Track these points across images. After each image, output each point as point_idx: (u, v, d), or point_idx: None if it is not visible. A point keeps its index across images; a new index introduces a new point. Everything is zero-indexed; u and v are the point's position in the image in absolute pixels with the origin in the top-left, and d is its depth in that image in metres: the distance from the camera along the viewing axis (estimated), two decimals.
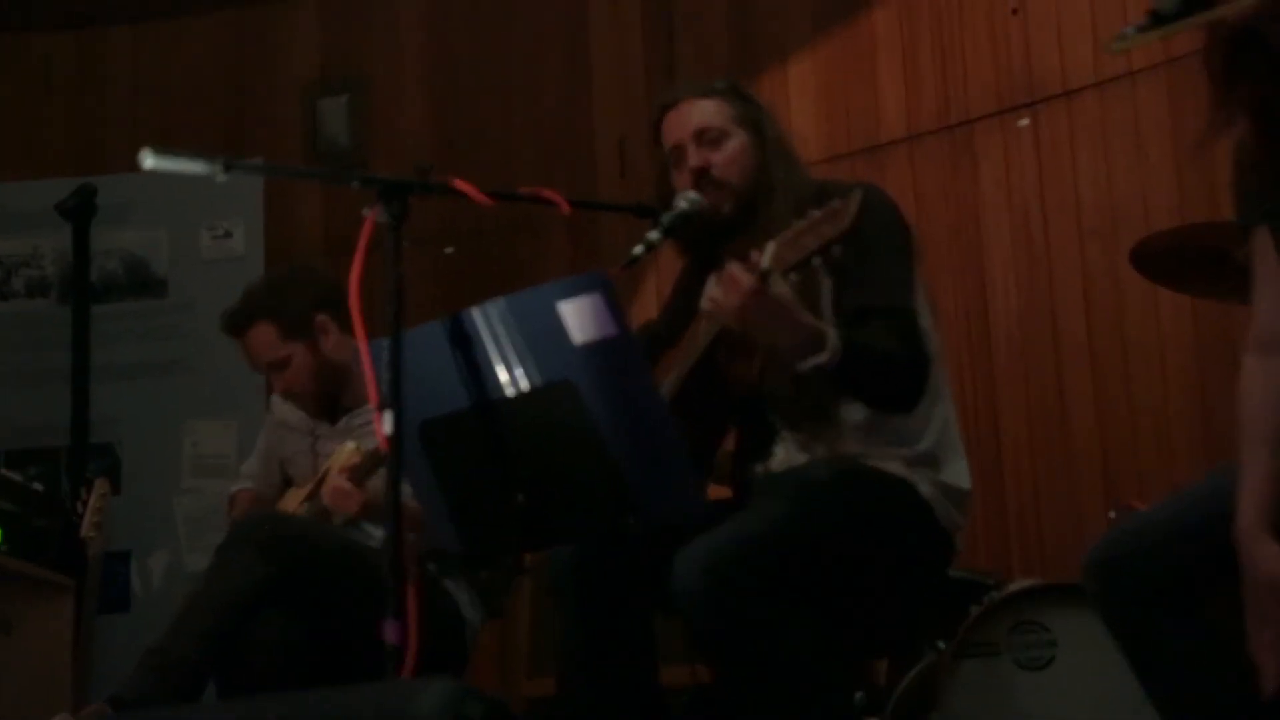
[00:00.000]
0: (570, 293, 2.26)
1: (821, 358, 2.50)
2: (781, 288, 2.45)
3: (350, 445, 3.41)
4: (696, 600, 2.43)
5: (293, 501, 3.62)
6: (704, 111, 2.85)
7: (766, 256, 2.44)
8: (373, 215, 2.32)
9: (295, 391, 3.61)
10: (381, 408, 2.25)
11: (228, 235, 5.26)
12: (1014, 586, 3.21)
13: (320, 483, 3.51)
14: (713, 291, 2.52)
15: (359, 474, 3.28)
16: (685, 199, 2.76)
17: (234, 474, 4.01)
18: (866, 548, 2.66)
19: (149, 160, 2.28)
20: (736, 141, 2.83)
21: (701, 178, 2.79)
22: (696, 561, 2.44)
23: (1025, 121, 4.64)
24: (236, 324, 3.64)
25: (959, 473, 2.79)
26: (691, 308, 2.93)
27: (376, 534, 3.40)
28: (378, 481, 3.31)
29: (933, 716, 3.08)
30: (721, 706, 2.67)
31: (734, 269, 2.46)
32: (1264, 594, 2.00)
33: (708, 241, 2.84)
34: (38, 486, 4.25)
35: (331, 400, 3.63)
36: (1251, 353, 2.19)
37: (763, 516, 2.62)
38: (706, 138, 2.82)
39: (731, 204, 2.79)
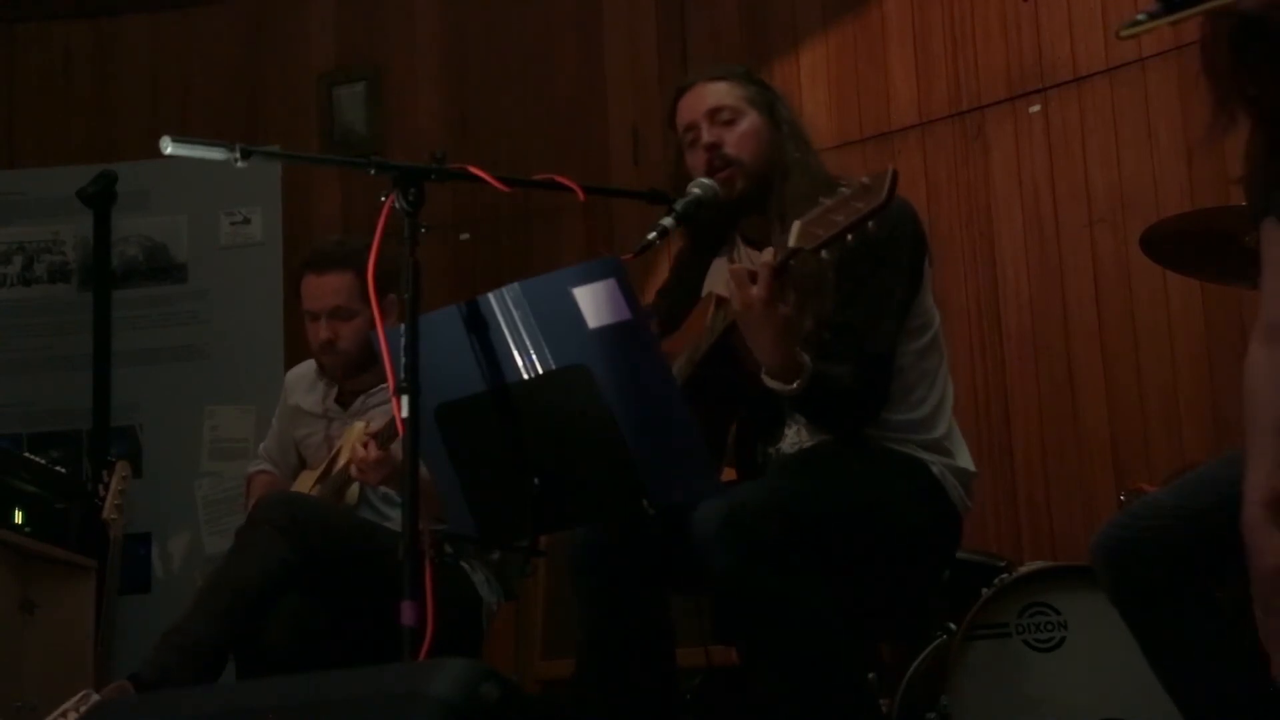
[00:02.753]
0: (584, 278, 2.28)
1: (785, 389, 2.53)
2: (786, 309, 2.46)
3: (359, 425, 3.43)
4: (715, 546, 2.44)
5: (305, 484, 3.64)
6: (717, 92, 2.86)
7: (793, 236, 2.43)
8: (390, 200, 2.35)
9: (340, 348, 3.57)
10: (398, 392, 2.28)
11: (246, 221, 5.29)
12: (1024, 569, 3.23)
13: (332, 463, 3.54)
14: (732, 268, 2.53)
15: (384, 438, 3.25)
16: (699, 185, 2.77)
17: (253, 458, 4.04)
18: (882, 521, 2.68)
19: (169, 146, 2.32)
20: (749, 121, 2.84)
21: (714, 154, 2.80)
22: (717, 511, 2.45)
23: (1036, 108, 4.65)
24: (327, 260, 3.60)
25: (965, 457, 2.82)
26: (692, 290, 2.95)
27: (392, 515, 3.43)
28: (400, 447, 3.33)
29: (944, 698, 3.10)
30: (738, 683, 2.69)
31: (740, 270, 2.48)
32: (1270, 585, 2.00)
33: (719, 224, 2.86)
34: (60, 469, 4.31)
35: (356, 372, 3.64)
36: (1258, 342, 2.18)
37: (782, 478, 2.67)
38: (720, 117, 2.84)
39: (743, 181, 2.80)
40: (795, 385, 2.52)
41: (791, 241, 2.44)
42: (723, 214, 2.81)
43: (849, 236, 2.40)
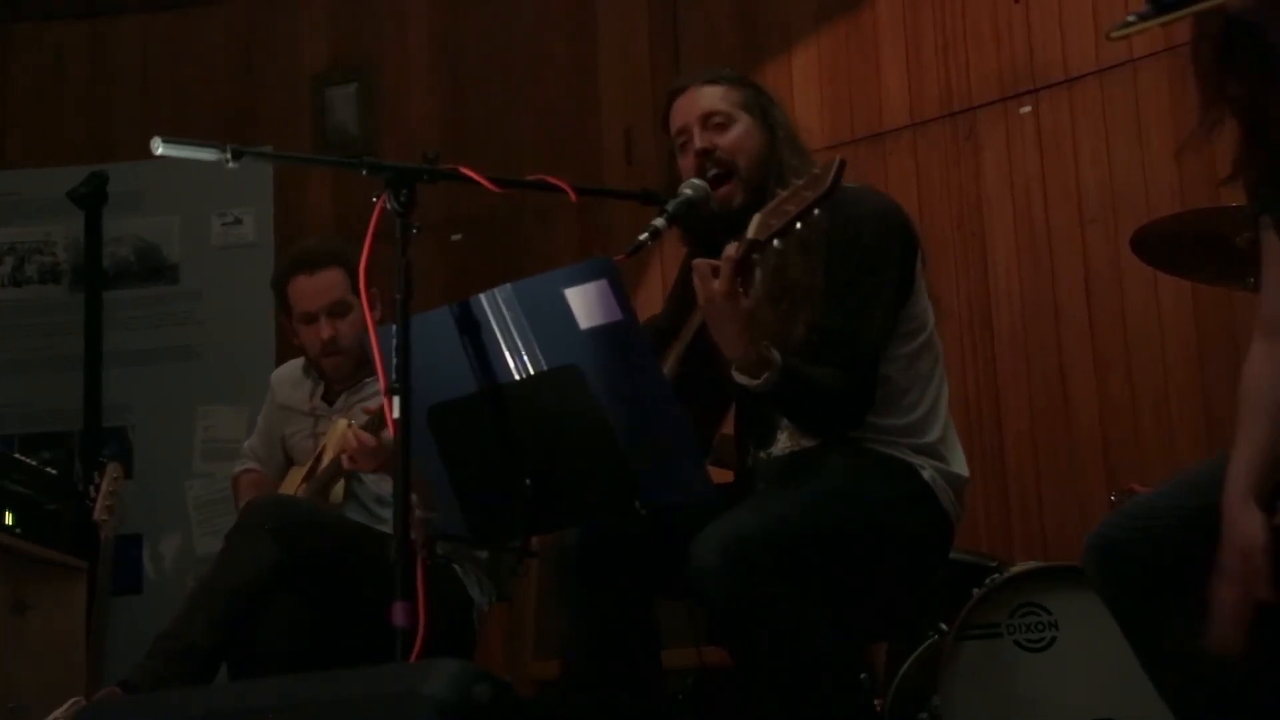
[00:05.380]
0: (576, 279, 2.28)
1: (753, 383, 2.53)
2: (748, 302, 2.48)
3: (342, 423, 3.42)
4: (714, 580, 2.43)
5: (292, 483, 3.64)
6: (710, 96, 2.86)
7: (752, 228, 2.47)
8: (382, 200, 2.35)
9: (342, 345, 3.58)
10: (390, 392, 2.28)
11: (238, 222, 5.29)
12: (1015, 569, 3.24)
13: (317, 462, 3.54)
14: (693, 278, 2.55)
15: (373, 426, 3.24)
16: (690, 186, 2.76)
17: (239, 459, 4.03)
18: (875, 530, 2.68)
19: (160, 147, 2.32)
20: (742, 126, 2.83)
21: (705, 160, 2.80)
22: (714, 543, 2.45)
23: (1027, 109, 4.66)
24: (317, 258, 3.62)
25: (959, 462, 2.82)
26: (692, 299, 2.95)
27: (384, 515, 3.43)
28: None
29: (935, 698, 3.10)
30: (735, 688, 2.69)
31: (702, 264, 2.49)
32: (1236, 556, 2.01)
33: (717, 230, 2.85)
34: (51, 471, 4.30)
35: (356, 372, 3.64)
36: (1258, 336, 2.20)
37: (777, 502, 2.65)
38: (712, 121, 2.83)
39: (743, 196, 2.79)
40: (763, 379, 2.52)
41: (750, 234, 2.47)
42: (723, 222, 2.79)
43: (798, 225, 2.45)
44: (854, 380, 2.65)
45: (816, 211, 2.45)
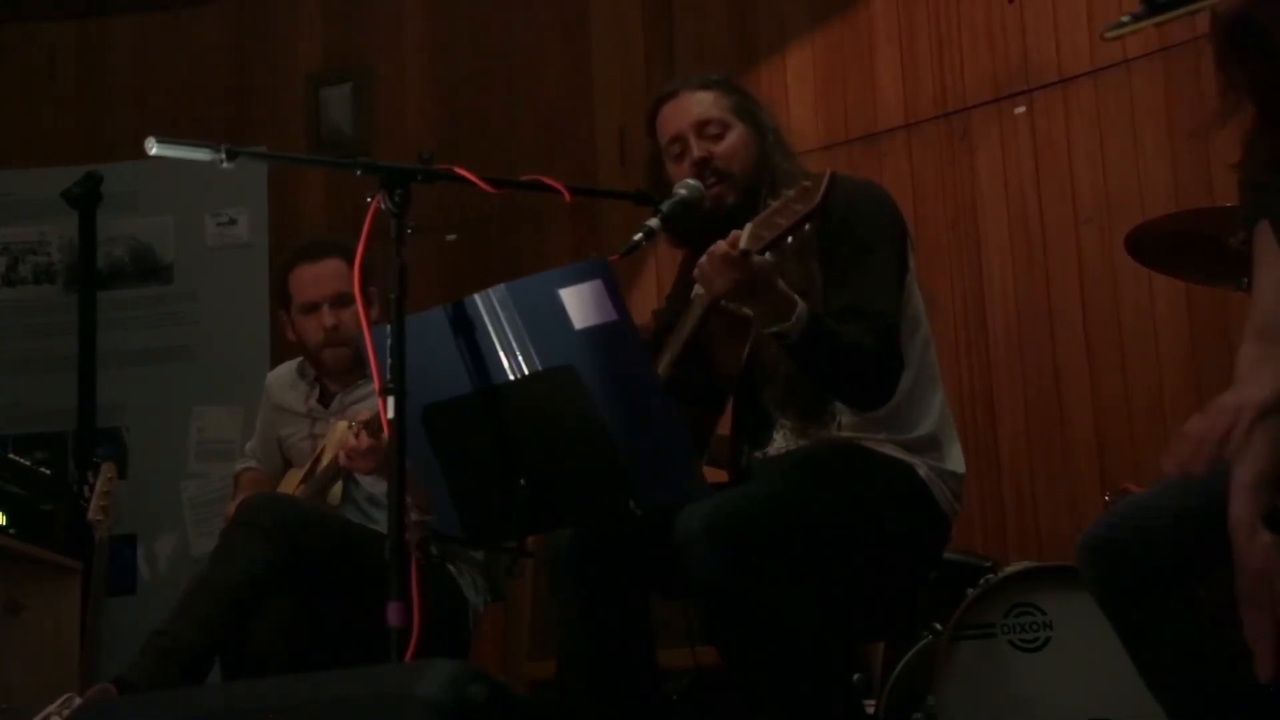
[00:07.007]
0: (571, 279, 2.28)
1: (784, 325, 2.50)
2: (760, 260, 2.48)
3: (342, 424, 3.42)
4: (696, 550, 2.43)
5: (290, 484, 3.64)
6: (703, 103, 2.86)
7: (745, 238, 2.47)
8: (376, 201, 2.35)
9: (340, 336, 3.56)
10: (384, 393, 2.28)
11: (232, 222, 5.29)
12: (1010, 569, 3.24)
13: (316, 463, 3.53)
14: (701, 263, 2.53)
15: (374, 427, 3.20)
16: (685, 186, 2.77)
17: (239, 457, 4.04)
18: (866, 526, 2.68)
19: (154, 147, 2.32)
20: (737, 133, 2.84)
21: (704, 168, 2.80)
22: (698, 515, 2.45)
23: (1022, 109, 4.66)
24: (320, 248, 3.61)
25: (955, 458, 2.81)
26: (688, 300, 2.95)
27: (378, 517, 3.43)
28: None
29: (930, 698, 3.11)
30: (724, 684, 2.69)
31: (720, 244, 2.49)
32: (1255, 583, 2.01)
33: (709, 233, 2.85)
34: (45, 471, 4.30)
35: (347, 369, 3.63)
36: (1249, 341, 2.20)
37: (765, 483, 2.66)
38: (707, 130, 2.83)
39: (735, 196, 2.80)
40: (794, 319, 2.49)
41: (743, 244, 2.46)
42: (715, 225, 2.79)
43: (789, 239, 2.45)
44: (879, 338, 2.63)
45: (808, 227, 2.45)
